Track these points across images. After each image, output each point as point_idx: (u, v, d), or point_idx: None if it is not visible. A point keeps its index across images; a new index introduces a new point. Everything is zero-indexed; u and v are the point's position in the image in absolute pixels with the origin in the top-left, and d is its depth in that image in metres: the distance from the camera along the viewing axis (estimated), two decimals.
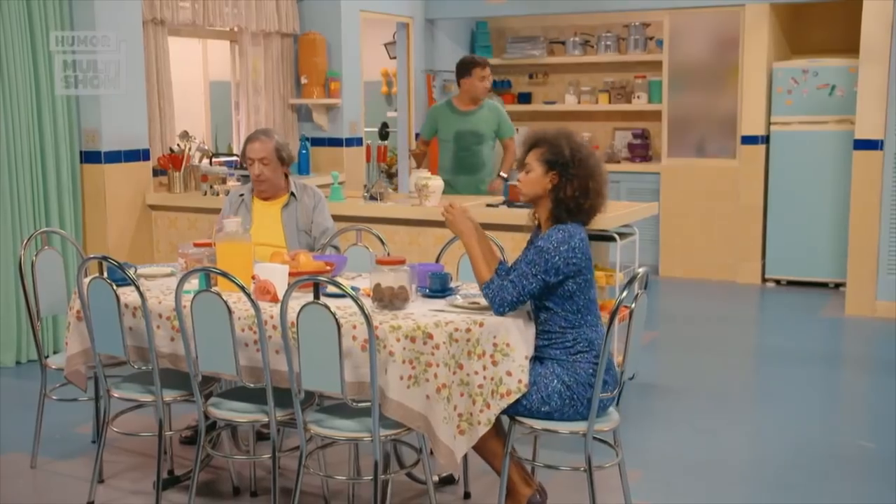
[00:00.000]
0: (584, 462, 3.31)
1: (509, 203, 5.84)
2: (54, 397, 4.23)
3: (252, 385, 3.41)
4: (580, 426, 3.32)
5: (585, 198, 3.36)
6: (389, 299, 3.42)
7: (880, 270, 6.76)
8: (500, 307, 3.30)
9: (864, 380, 5.57)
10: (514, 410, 3.34)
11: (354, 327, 3.22)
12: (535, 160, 3.42)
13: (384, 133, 8.29)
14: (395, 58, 9.07)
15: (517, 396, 3.30)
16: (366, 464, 3.95)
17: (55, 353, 5.38)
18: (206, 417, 3.55)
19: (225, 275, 3.35)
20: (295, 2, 7.63)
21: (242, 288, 3.31)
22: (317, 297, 3.16)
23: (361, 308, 3.10)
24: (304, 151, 7.47)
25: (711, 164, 7.99)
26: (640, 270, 3.32)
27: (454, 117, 6.42)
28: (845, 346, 6.43)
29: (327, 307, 3.13)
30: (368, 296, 3.49)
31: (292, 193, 4.55)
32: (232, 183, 6.42)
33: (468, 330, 3.26)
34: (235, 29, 7.27)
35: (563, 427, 3.33)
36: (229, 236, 3.77)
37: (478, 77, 6.36)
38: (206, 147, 6.85)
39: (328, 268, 3.83)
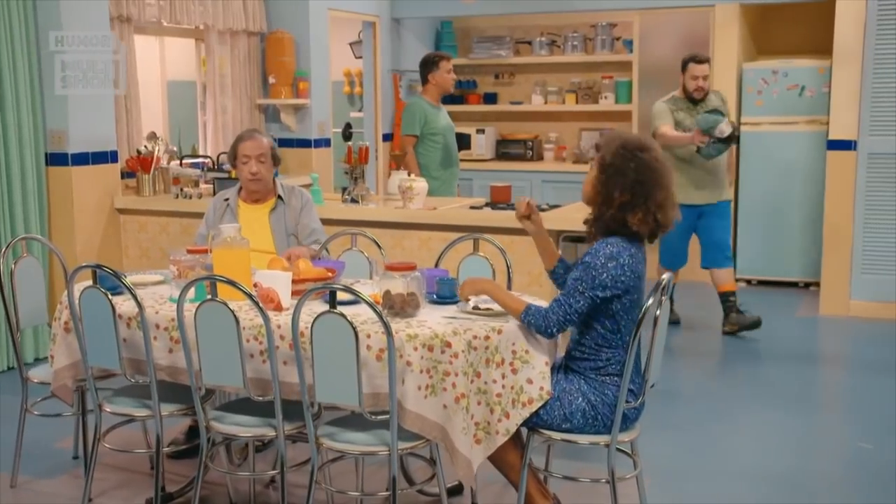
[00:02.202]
0: (600, 472, 3.22)
1: (493, 205, 5.77)
2: (36, 412, 4.02)
3: (260, 398, 3.26)
4: (600, 437, 3.22)
5: (629, 211, 3.16)
6: (401, 306, 3.30)
7: (854, 270, 6.81)
8: (548, 329, 3.15)
9: (852, 380, 5.54)
10: (533, 422, 3.24)
11: (368, 336, 3.10)
12: (595, 162, 3.27)
13: (348, 134, 8.16)
14: (360, 57, 8.93)
15: (540, 404, 3.19)
16: (372, 477, 3.85)
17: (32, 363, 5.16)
18: (192, 432, 3.39)
19: (233, 283, 3.20)
20: (262, 0, 7.46)
21: (250, 296, 3.17)
22: (333, 305, 3.02)
23: (381, 316, 2.98)
24: None
25: None
26: (665, 277, 3.24)
27: (436, 112, 6.49)
28: (827, 346, 6.46)
29: (344, 316, 3.00)
30: (378, 303, 3.36)
31: (279, 196, 4.40)
32: (204, 186, 6.24)
33: (487, 337, 3.15)
34: (201, 27, 7.07)
35: (584, 438, 3.23)
36: (227, 242, 3.61)
37: (445, 70, 6.48)
38: (175, 148, 6.64)
39: (330, 274, 3.69)
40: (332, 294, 3.04)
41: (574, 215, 5.45)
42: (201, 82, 7.45)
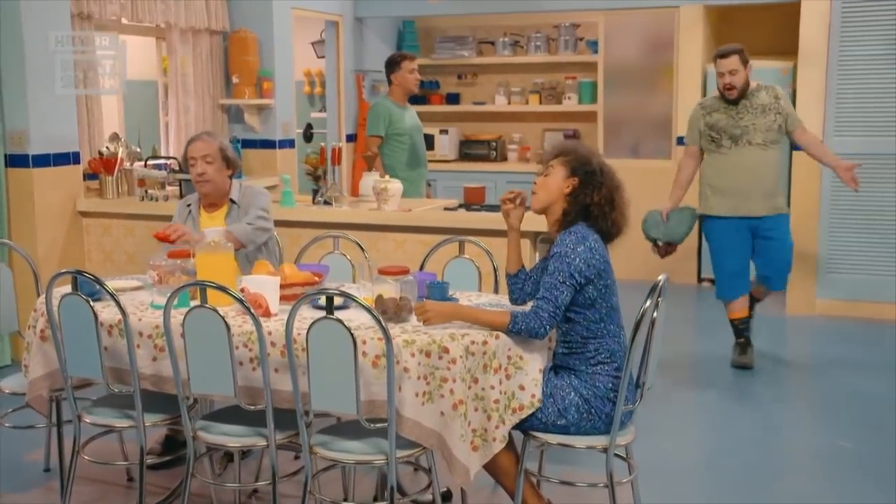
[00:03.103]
0: (593, 476, 3.18)
1: (467, 206, 5.72)
2: (7, 424, 3.88)
3: (252, 407, 3.17)
4: (596, 441, 3.20)
5: (612, 208, 3.27)
6: (395, 311, 3.23)
7: (819, 269, 6.88)
8: (542, 329, 3.11)
9: (823, 379, 5.56)
10: (528, 424, 3.20)
11: (364, 342, 3.02)
12: (558, 163, 3.29)
13: (309, 134, 8.08)
14: (322, 57, 8.81)
15: (530, 412, 3.16)
16: (357, 485, 3.77)
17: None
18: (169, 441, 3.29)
19: (224, 289, 3.10)
20: None
21: (242, 302, 3.07)
22: (330, 311, 2.94)
23: (379, 322, 2.91)
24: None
25: (647, 165, 8.00)
26: (661, 278, 3.22)
27: (402, 112, 6.42)
28: (796, 346, 6.48)
29: (341, 322, 2.92)
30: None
31: (232, 200, 4.28)
32: (170, 188, 6.09)
33: (485, 342, 3.10)
34: (163, 25, 6.91)
35: (580, 441, 3.20)
36: (210, 247, 3.51)
37: (407, 70, 6.42)
38: (138, 150, 6.48)
39: (317, 279, 3.61)
40: (329, 300, 2.96)
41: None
42: (163, 82, 7.28)
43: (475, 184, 6.05)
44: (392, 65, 6.46)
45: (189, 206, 4.31)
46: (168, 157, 6.73)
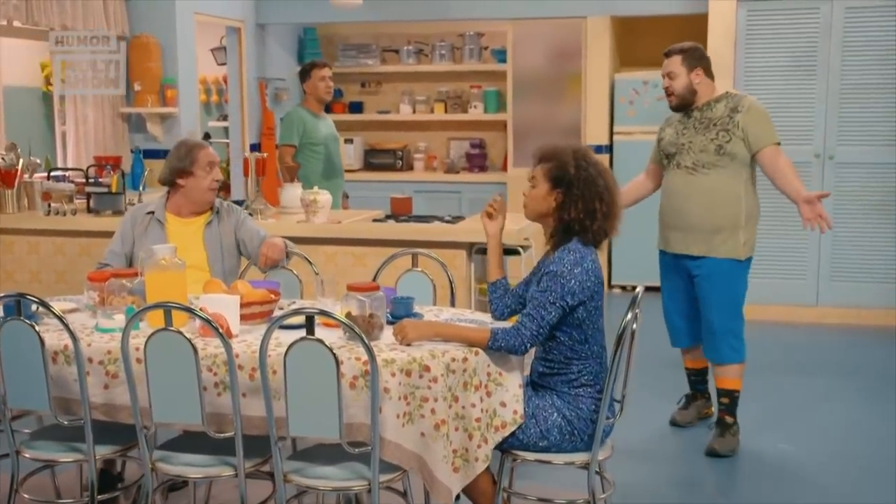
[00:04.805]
0: (571, 493, 3.12)
1: (395, 217, 5.60)
2: None
3: (220, 435, 2.97)
4: (576, 457, 3.14)
5: (592, 220, 3.15)
6: (366, 329, 3.09)
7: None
8: (523, 346, 3.03)
9: (767, 382, 5.55)
10: (508, 444, 3.11)
11: (342, 363, 2.87)
12: (541, 175, 3.20)
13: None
14: (223, 64, 8.52)
15: (513, 429, 3.07)
16: None
17: None
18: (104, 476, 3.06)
19: (190, 310, 2.90)
20: (123, 1, 6.98)
21: (209, 322, 2.88)
22: (311, 332, 2.78)
23: (363, 339, 2.78)
24: (138, 165, 6.81)
25: None
26: (639, 289, 3.18)
27: (317, 121, 6.29)
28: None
29: (322, 342, 2.77)
30: (337, 326, 3.13)
31: (217, 211, 4.07)
32: (78, 201, 5.73)
33: (465, 360, 2.99)
34: (59, 29, 6.54)
35: (559, 458, 3.13)
36: (161, 265, 3.29)
37: (318, 78, 6.30)
38: (39, 161, 6.10)
39: (274, 297, 3.42)
40: (310, 319, 2.80)
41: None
42: (56, 89, 6.89)
43: (408, 195, 5.92)
44: (302, 73, 6.38)
45: (151, 212, 4.04)
46: (68, 169, 6.38)
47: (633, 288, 3.27)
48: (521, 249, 5.02)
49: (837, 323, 6.82)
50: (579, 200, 3.14)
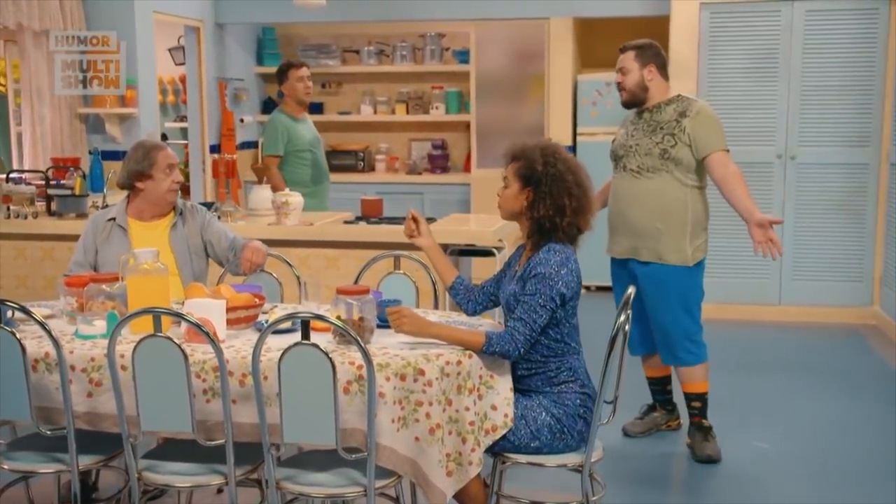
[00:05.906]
0: (563, 495, 3.10)
1: (366, 219, 5.54)
2: None
3: (210, 443, 2.90)
4: (568, 459, 3.13)
5: (561, 216, 3.13)
6: (357, 333, 3.04)
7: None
8: (517, 351, 3.01)
9: (733, 381, 5.55)
10: (499, 447, 3.09)
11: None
12: (512, 174, 3.20)
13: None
14: (181, 64, 8.38)
15: (503, 432, 3.05)
16: None
17: None
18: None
19: (179, 315, 2.82)
20: (80, 0, 6.83)
21: (199, 327, 2.81)
22: (306, 336, 2.73)
23: (360, 345, 2.73)
24: (97, 167, 6.66)
25: None
26: (630, 291, 3.18)
27: (298, 125, 6.11)
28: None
29: (318, 347, 2.72)
30: (327, 330, 3.08)
31: (181, 213, 3.98)
32: (39, 204, 5.59)
33: (459, 363, 2.95)
34: (13, 27, 6.38)
35: (551, 460, 3.12)
36: (143, 270, 3.20)
37: (295, 79, 6.13)
38: None
39: (259, 301, 3.36)
40: (305, 324, 2.74)
41: (456, 227, 5.34)
42: (14, 89, 6.72)
43: (378, 196, 5.85)
44: (279, 75, 6.19)
45: (112, 219, 3.93)
46: (25, 171, 6.22)
47: (589, 288, 3.27)
48: (495, 251, 5.01)
49: (800, 321, 6.91)
50: (547, 197, 3.12)
